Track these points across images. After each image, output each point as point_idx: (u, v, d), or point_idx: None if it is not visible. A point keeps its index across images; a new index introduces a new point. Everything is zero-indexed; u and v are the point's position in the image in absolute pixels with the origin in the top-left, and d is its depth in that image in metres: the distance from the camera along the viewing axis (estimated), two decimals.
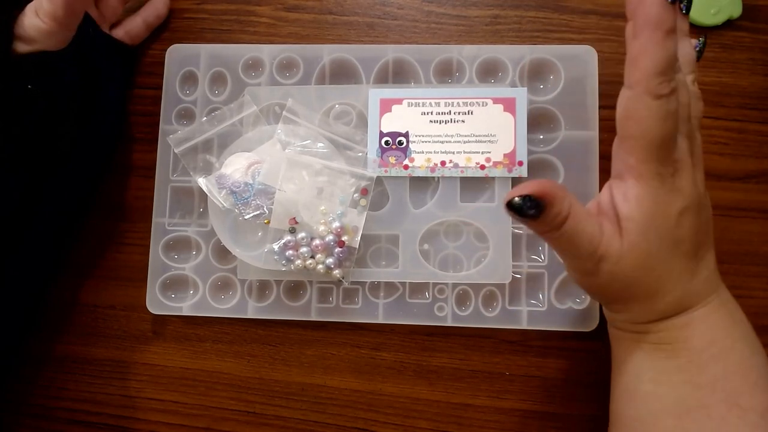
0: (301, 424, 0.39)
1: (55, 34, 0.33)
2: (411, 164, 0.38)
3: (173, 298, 0.40)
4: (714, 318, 0.28)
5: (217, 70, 0.40)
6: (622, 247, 0.26)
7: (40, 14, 0.32)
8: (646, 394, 0.29)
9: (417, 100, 0.38)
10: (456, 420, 0.38)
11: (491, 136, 0.38)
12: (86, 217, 0.41)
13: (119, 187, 0.41)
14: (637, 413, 0.29)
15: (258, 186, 0.37)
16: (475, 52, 0.39)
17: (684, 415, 0.27)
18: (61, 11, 0.32)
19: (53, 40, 0.33)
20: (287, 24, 0.42)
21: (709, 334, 0.28)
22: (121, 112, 0.41)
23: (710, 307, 0.28)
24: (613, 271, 0.27)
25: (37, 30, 0.33)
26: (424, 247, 0.38)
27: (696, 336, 0.28)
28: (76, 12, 0.33)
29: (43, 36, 0.33)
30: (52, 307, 0.41)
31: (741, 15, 0.39)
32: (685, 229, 0.27)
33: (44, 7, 0.32)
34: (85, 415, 0.40)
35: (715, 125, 0.39)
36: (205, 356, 0.40)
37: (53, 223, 0.38)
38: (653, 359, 0.29)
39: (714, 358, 0.27)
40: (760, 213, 0.38)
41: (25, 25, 0.32)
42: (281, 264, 0.37)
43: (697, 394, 0.27)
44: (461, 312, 0.38)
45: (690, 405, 0.27)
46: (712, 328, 0.28)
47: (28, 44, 0.33)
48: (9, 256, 0.35)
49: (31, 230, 0.36)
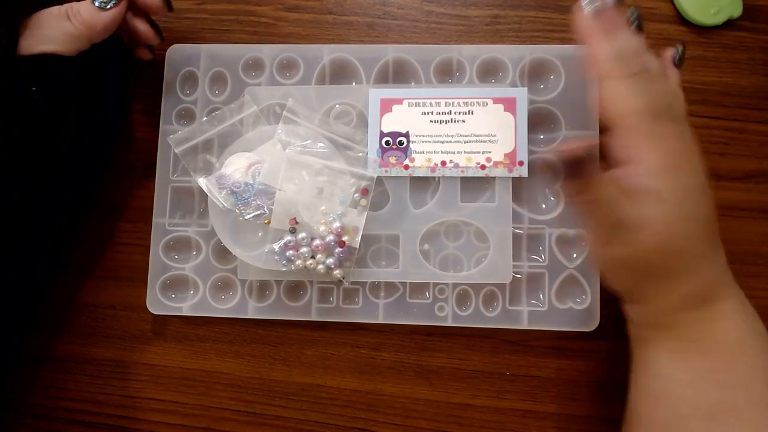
0: (301, 424, 0.39)
1: (81, 41, 0.33)
2: (411, 164, 0.38)
3: (173, 298, 0.39)
4: (740, 315, 0.28)
5: (217, 70, 0.40)
6: (649, 212, 0.26)
7: (75, 20, 0.32)
8: (674, 397, 0.28)
9: (417, 100, 0.38)
10: (456, 420, 0.38)
11: (491, 136, 0.38)
12: (86, 217, 0.41)
13: (119, 187, 0.41)
14: (663, 415, 0.28)
15: (258, 186, 0.37)
16: (475, 52, 0.39)
17: (714, 418, 0.26)
18: (101, 24, 0.32)
19: (74, 45, 0.33)
20: (287, 24, 0.42)
21: (737, 331, 0.27)
22: (120, 112, 0.41)
23: (734, 303, 0.28)
24: (638, 239, 0.27)
25: (64, 33, 0.32)
26: (425, 247, 0.38)
27: (724, 332, 0.27)
28: (114, 27, 0.33)
29: (67, 40, 0.32)
30: (52, 307, 0.41)
31: (741, 15, 0.39)
32: (702, 207, 0.27)
33: (82, 15, 0.32)
34: (85, 415, 0.40)
35: (715, 125, 0.39)
36: (205, 356, 0.40)
37: (53, 223, 0.38)
38: (681, 360, 0.28)
39: (744, 358, 0.27)
40: (760, 213, 0.38)
41: (50, 25, 0.32)
42: (281, 264, 0.37)
43: (727, 396, 0.26)
44: (461, 312, 0.38)
45: (720, 408, 0.26)
46: (740, 324, 0.27)
47: (41, 44, 0.32)
48: (9, 256, 0.35)
49: (31, 230, 0.36)
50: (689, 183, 0.27)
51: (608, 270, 0.31)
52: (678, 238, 0.27)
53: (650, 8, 0.40)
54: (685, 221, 0.27)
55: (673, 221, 0.26)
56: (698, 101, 0.39)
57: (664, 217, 0.26)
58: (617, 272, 0.30)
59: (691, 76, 0.40)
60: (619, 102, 0.26)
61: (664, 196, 0.26)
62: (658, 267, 0.27)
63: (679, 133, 0.27)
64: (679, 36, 0.40)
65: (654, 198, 0.26)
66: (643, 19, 0.29)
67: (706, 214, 0.27)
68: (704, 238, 0.27)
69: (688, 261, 0.27)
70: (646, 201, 0.26)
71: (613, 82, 0.26)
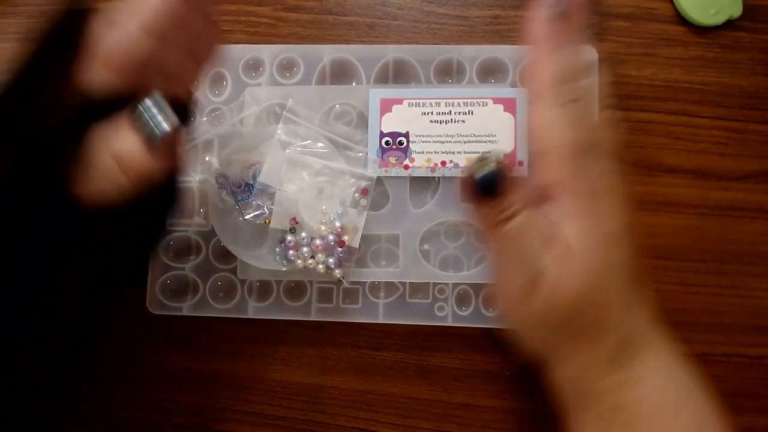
0: (301, 424, 0.39)
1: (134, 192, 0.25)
2: (411, 164, 0.38)
3: (173, 298, 0.40)
4: (664, 374, 0.26)
5: (217, 70, 0.40)
6: (565, 258, 0.24)
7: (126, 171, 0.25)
8: None
9: (417, 100, 0.38)
10: (456, 420, 0.38)
11: (491, 136, 0.38)
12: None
13: None
14: None
15: (258, 186, 0.37)
16: (475, 52, 0.39)
17: None
18: (154, 173, 0.25)
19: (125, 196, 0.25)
20: (287, 24, 0.42)
21: (658, 397, 0.25)
22: None
23: (657, 360, 0.26)
24: (551, 297, 0.24)
25: (115, 186, 0.25)
26: (425, 247, 0.38)
27: (646, 398, 0.25)
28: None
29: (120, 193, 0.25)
30: None
31: (741, 15, 0.39)
32: (625, 252, 0.25)
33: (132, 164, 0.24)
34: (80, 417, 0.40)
35: (715, 125, 0.39)
36: (205, 356, 0.40)
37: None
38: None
39: (664, 427, 0.25)
40: (760, 213, 0.38)
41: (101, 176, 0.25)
42: (281, 264, 0.37)
43: None
44: (461, 312, 0.38)
45: None
46: (664, 387, 0.26)
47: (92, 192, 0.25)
48: None
49: None
50: (610, 229, 0.25)
51: (524, 329, 0.28)
52: (598, 290, 0.24)
53: (650, 8, 0.40)
54: (605, 272, 0.24)
55: (592, 272, 0.24)
56: (698, 101, 0.39)
57: (582, 267, 0.24)
58: (533, 332, 0.27)
59: (691, 76, 0.40)
60: (548, 132, 0.24)
61: (582, 244, 0.24)
62: (577, 324, 0.25)
63: (605, 172, 0.25)
64: (679, 36, 0.40)
65: (571, 245, 0.24)
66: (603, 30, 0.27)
67: (628, 262, 0.25)
68: (625, 289, 0.25)
69: (611, 311, 0.25)
70: (563, 249, 0.24)
71: (546, 108, 0.24)
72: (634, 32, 0.40)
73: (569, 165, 0.24)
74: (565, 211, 0.24)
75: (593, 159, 0.24)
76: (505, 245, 0.25)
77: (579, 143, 0.24)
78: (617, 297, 0.25)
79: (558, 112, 0.24)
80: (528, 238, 0.24)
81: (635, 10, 0.40)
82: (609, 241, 0.25)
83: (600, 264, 0.24)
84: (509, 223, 0.24)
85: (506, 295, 0.26)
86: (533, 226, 0.24)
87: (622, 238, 0.25)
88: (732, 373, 0.37)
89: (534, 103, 0.24)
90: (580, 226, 0.24)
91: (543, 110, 0.24)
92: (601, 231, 0.24)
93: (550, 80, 0.24)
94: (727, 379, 0.37)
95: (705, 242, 0.38)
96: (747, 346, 0.37)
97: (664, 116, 0.40)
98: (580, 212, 0.24)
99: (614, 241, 0.25)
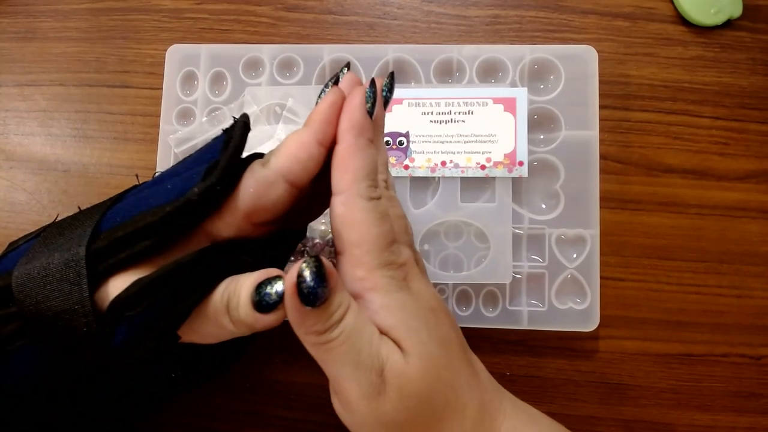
0: (301, 424, 0.39)
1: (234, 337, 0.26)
2: (411, 164, 0.38)
3: None
4: (527, 416, 0.27)
5: (217, 70, 0.40)
6: (403, 352, 0.23)
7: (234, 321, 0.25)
8: None
9: (417, 100, 0.38)
10: None
11: (491, 136, 0.38)
12: None
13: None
14: None
15: None
16: (475, 52, 0.39)
17: None
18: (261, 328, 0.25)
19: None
20: (287, 24, 0.42)
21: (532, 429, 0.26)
22: None
23: (517, 407, 0.27)
24: (402, 384, 0.23)
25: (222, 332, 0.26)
26: (425, 247, 0.38)
27: None
28: None
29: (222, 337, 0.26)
30: None
31: (741, 15, 0.39)
32: (446, 327, 0.25)
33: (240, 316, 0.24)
34: None
35: (715, 125, 0.39)
36: None
37: None
38: None
39: None
40: (760, 213, 0.38)
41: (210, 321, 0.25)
42: None
43: None
44: (461, 312, 0.38)
45: None
46: (531, 426, 0.27)
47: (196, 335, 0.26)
48: None
49: None
50: (431, 305, 0.25)
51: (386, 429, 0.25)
52: (444, 369, 0.24)
53: (650, 8, 0.40)
54: (441, 346, 0.24)
55: (434, 353, 0.24)
56: (698, 101, 0.39)
57: (421, 346, 0.23)
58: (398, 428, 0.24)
59: (691, 76, 0.40)
60: (358, 227, 0.23)
61: (412, 325, 0.24)
62: (437, 406, 0.24)
63: (409, 258, 0.25)
64: (679, 36, 0.40)
65: (401, 330, 0.23)
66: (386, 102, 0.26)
67: (455, 337, 0.25)
68: (463, 356, 0.25)
69: (459, 387, 0.24)
70: (396, 335, 0.23)
71: (356, 200, 0.23)
72: (634, 32, 0.40)
73: (377, 260, 0.23)
74: (385, 301, 0.23)
75: (399, 248, 0.24)
76: (341, 350, 0.23)
77: (386, 235, 0.24)
78: (461, 368, 0.25)
79: (368, 206, 0.23)
80: (364, 334, 0.23)
81: (635, 10, 0.40)
82: (435, 317, 0.25)
83: (434, 341, 0.24)
84: (340, 325, 0.22)
85: (354, 405, 0.24)
86: (363, 321, 0.23)
87: (438, 312, 0.25)
88: (732, 373, 0.37)
89: (343, 193, 0.23)
90: (403, 310, 0.24)
91: (353, 202, 0.23)
92: (423, 311, 0.24)
93: (362, 172, 0.23)
94: (727, 379, 0.37)
95: (705, 242, 0.38)
96: (747, 346, 0.37)
97: (664, 116, 0.40)
98: (398, 299, 0.24)
99: (432, 319, 0.25)
